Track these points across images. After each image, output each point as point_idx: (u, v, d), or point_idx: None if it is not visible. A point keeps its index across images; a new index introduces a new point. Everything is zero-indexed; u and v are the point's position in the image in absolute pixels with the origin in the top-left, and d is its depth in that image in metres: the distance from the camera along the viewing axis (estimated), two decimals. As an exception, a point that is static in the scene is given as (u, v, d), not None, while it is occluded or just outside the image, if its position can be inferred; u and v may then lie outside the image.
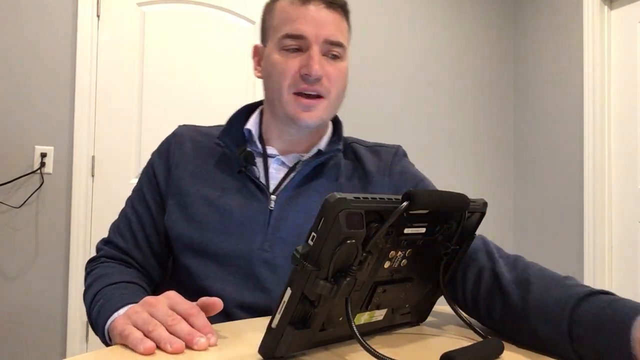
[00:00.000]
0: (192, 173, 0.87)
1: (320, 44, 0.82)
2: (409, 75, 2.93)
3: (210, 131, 0.93)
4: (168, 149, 0.91)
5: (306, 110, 0.83)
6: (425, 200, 0.51)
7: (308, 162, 0.87)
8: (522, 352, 0.59)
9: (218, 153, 0.89)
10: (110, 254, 0.87)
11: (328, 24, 0.83)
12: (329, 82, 0.84)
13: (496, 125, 3.20)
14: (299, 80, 0.82)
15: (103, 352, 0.58)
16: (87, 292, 0.80)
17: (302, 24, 0.82)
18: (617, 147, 2.75)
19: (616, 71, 2.76)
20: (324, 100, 0.85)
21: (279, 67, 0.83)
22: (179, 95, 2.39)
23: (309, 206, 0.84)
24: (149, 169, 0.92)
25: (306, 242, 0.47)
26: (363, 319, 0.59)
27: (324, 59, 0.83)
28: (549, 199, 2.99)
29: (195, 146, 0.90)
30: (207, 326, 0.59)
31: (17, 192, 2.13)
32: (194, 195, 0.85)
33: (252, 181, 0.86)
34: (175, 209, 0.86)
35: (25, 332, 2.12)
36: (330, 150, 0.89)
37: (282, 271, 0.81)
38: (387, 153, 0.94)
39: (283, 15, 0.84)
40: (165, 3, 2.41)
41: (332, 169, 0.89)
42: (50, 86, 2.20)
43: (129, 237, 0.88)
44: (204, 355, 0.55)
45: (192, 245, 0.84)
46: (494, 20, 3.21)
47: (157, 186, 0.89)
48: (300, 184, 0.86)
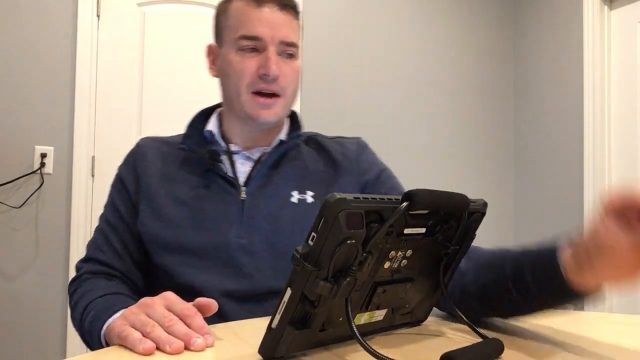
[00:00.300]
0: (160, 177, 0.90)
1: (276, 44, 0.86)
2: (409, 75, 2.93)
3: (172, 139, 0.97)
4: (134, 159, 0.93)
5: (264, 108, 0.87)
6: (425, 200, 0.51)
7: (272, 152, 0.92)
8: (522, 352, 0.59)
9: (183, 157, 0.92)
10: (92, 269, 0.87)
11: (282, 25, 0.87)
12: (285, 81, 0.88)
13: (496, 125, 3.20)
14: (257, 80, 0.86)
15: (103, 352, 0.58)
16: (75, 310, 0.80)
17: (258, 25, 0.85)
18: (617, 147, 2.75)
19: (616, 71, 2.76)
20: (281, 98, 0.89)
21: (236, 67, 0.87)
22: (179, 95, 2.39)
23: (279, 192, 0.89)
24: (117, 181, 0.94)
25: (306, 242, 0.47)
26: (363, 319, 0.59)
27: (280, 58, 0.87)
28: (549, 199, 2.99)
29: (160, 154, 0.93)
30: (204, 327, 0.59)
31: (17, 192, 2.13)
32: (164, 197, 0.88)
33: (220, 177, 0.89)
34: (147, 211, 0.88)
35: (25, 332, 2.12)
36: (292, 138, 0.94)
37: (260, 256, 0.84)
38: (350, 143, 1.00)
39: (238, 16, 0.87)
40: (165, 3, 2.41)
41: (296, 157, 0.94)
42: (50, 86, 2.20)
43: (107, 250, 0.88)
44: (204, 356, 0.55)
45: (168, 244, 0.85)
46: (494, 20, 3.21)
47: (128, 194, 0.91)
48: (267, 173, 0.91)
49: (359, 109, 2.79)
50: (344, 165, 0.95)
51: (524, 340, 0.64)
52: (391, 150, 2.86)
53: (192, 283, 0.83)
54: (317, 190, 0.92)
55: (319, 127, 2.73)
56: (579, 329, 0.70)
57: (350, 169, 0.94)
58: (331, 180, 0.93)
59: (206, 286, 0.82)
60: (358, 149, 0.99)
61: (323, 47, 2.69)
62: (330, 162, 0.95)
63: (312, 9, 2.65)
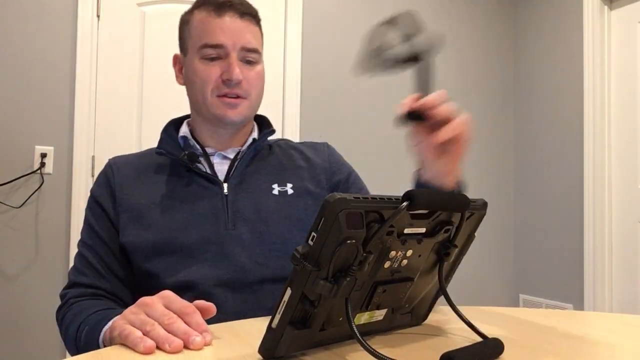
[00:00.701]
0: (139, 187, 0.92)
1: (238, 51, 0.91)
2: (408, 74, 2.93)
3: (143, 153, 1.01)
4: (106, 177, 0.95)
5: (231, 108, 0.92)
6: (426, 200, 0.51)
7: (247, 150, 0.97)
8: (522, 352, 0.59)
9: (158, 164, 0.96)
10: (77, 293, 0.87)
11: (243, 32, 0.91)
12: (249, 85, 0.93)
13: (496, 125, 3.20)
14: (221, 85, 0.91)
15: (103, 352, 0.58)
16: (68, 332, 0.80)
17: (220, 34, 0.90)
18: (617, 147, 2.75)
19: (616, 71, 2.76)
20: (246, 100, 0.93)
21: (201, 74, 0.91)
22: (178, 95, 2.38)
23: (260, 186, 0.94)
24: (91, 203, 0.94)
25: (306, 242, 0.47)
26: (363, 319, 0.59)
27: (242, 64, 0.92)
28: (549, 199, 2.99)
29: (132, 166, 0.96)
30: (202, 325, 0.59)
31: (17, 192, 2.13)
32: (146, 205, 0.90)
33: (201, 176, 0.93)
34: (129, 223, 0.89)
35: (25, 332, 2.12)
36: (265, 135, 1.00)
37: (250, 245, 0.88)
38: (321, 146, 1.07)
39: (201, 26, 0.91)
40: (165, 3, 2.41)
41: (270, 154, 1.00)
42: (50, 86, 2.20)
43: (89, 272, 0.88)
44: (204, 356, 0.55)
45: (157, 248, 0.86)
46: (494, 20, 3.21)
47: (105, 213, 0.91)
48: (245, 170, 0.96)
49: (358, 109, 2.79)
50: (317, 163, 1.01)
51: (524, 340, 0.64)
52: (391, 150, 2.86)
53: (186, 279, 0.84)
54: (295, 183, 0.96)
55: (319, 127, 2.75)
56: (579, 329, 0.70)
57: (323, 168, 1.01)
58: (308, 175, 0.99)
59: (200, 279, 0.84)
60: (329, 150, 1.06)
61: (323, 46, 2.69)
62: (304, 159, 1.02)
63: (312, 8, 2.66)
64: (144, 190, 0.91)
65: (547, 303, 2.96)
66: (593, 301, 2.72)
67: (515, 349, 0.60)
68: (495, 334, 0.65)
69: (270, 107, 2.49)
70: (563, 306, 2.88)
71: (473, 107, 3.13)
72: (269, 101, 2.30)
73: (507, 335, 0.65)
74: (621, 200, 2.72)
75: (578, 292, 2.80)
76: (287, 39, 2.61)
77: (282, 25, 2.62)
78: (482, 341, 0.57)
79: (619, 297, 2.71)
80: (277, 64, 2.61)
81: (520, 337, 0.66)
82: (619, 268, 2.71)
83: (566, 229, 2.89)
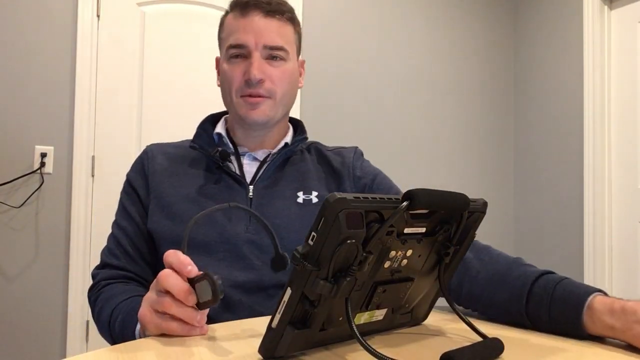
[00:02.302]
0: (169, 176, 0.94)
1: (260, 49, 0.91)
2: (409, 75, 2.93)
3: (177, 144, 1.01)
4: (142, 163, 0.97)
5: (253, 108, 0.92)
6: (425, 200, 0.51)
7: (278, 154, 0.96)
8: (522, 352, 0.59)
9: (192, 157, 0.97)
10: (108, 275, 0.90)
11: (267, 30, 0.91)
12: (272, 84, 0.92)
13: (496, 125, 3.20)
14: (243, 86, 0.91)
15: (103, 352, 0.58)
16: (100, 316, 0.83)
17: (243, 33, 0.91)
18: (617, 147, 2.75)
19: (616, 71, 2.76)
20: (269, 99, 0.92)
21: (227, 75, 0.93)
22: (178, 95, 2.39)
23: (285, 193, 0.94)
24: (126, 186, 0.97)
25: (306, 242, 0.47)
26: (363, 319, 0.59)
27: (265, 62, 0.92)
28: (549, 199, 2.99)
29: (168, 157, 0.97)
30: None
31: (17, 192, 2.13)
32: (174, 195, 0.91)
33: (229, 175, 0.93)
34: (156, 210, 0.91)
35: (25, 332, 2.12)
36: (297, 142, 0.99)
37: (267, 250, 0.87)
38: (348, 153, 1.04)
39: (229, 28, 0.94)
40: (165, 3, 2.41)
41: (300, 161, 0.99)
42: (50, 86, 2.20)
43: (120, 254, 0.91)
44: (204, 356, 0.55)
45: (178, 241, 0.87)
46: (494, 21, 3.21)
47: (138, 197, 0.94)
48: (273, 174, 0.95)
49: (358, 109, 2.79)
50: (343, 173, 1.00)
51: (524, 340, 0.64)
52: (391, 150, 2.86)
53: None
54: (321, 191, 0.96)
55: (319, 127, 2.74)
56: (579, 329, 0.70)
57: (349, 175, 1.00)
58: (334, 184, 0.98)
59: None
60: (355, 156, 1.04)
61: (322, 47, 2.69)
62: (331, 170, 1.00)
63: (312, 8, 2.65)
64: (175, 182, 0.93)
65: (547, 303, 2.96)
66: (593, 301, 2.71)
67: (515, 349, 0.60)
68: (495, 334, 0.65)
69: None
70: (563, 306, 2.88)
71: (473, 107, 3.13)
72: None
73: (507, 335, 0.65)
74: (621, 201, 2.72)
75: (578, 292, 2.80)
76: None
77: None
78: (482, 341, 0.57)
79: (619, 296, 2.71)
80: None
81: (520, 337, 0.66)
82: (619, 268, 2.71)
83: (566, 229, 2.89)
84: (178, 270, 0.61)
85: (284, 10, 0.94)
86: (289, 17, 0.95)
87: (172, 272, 0.62)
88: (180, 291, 0.60)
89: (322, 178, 0.98)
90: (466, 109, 3.11)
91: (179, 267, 0.61)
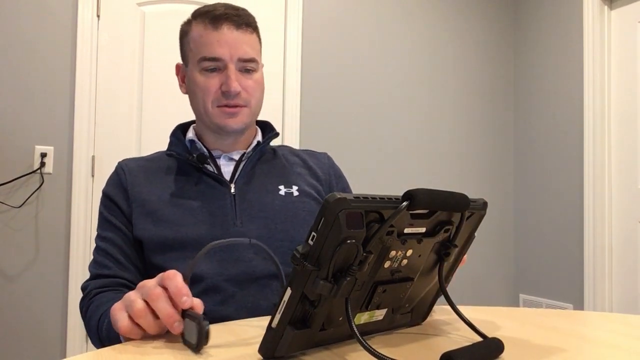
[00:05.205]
0: (150, 185, 0.95)
1: (235, 62, 0.94)
2: (409, 75, 2.93)
3: (151, 157, 1.04)
4: (118, 177, 0.98)
5: (231, 117, 0.96)
6: (426, 200, 0.51)
7: (253, 151, 1.01)
8: (522, 352, 0.59)
9: (168, 165, 0.99)
10: (100, 284, 0.90)
11: (240, 43, 0.94)
12: (248, 94, 0.96)
13: (496, 125, 3.20)
14: (221, 97, 0.95)
15: (103, 352, 0.58)
16: (90, 323, 0.83)
17: (217, 46, 0.93)
18: (617, 147, 2.75)
19: (616, 71, 2.76)
20: (246, 108, 0.97)
21: (201, 86, 0.95)
22: (179, 95, 2.39)
23: (266, 187, 0.98)
24: (105, 200, 0.97)
25: (306, 242, 0.47)
26: (363, 319, 0.59)
27: (240, 74, 0.95)
28: (549, 199, 2.99)
29: (143, 168, 0.99)
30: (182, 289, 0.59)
31: (17, 192, 2.13)
32: (157, 201, 0.93)
33: (209, 176, 0.96)
34: (141, 218, 0.92)
35: (25, 332, 2.12)
36: (269, 137, 1.04)
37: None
38: (322, 156, 1.12)
39: (199, 39, 0.95)
40: (165, 3, 2.41)
41: (273, 159, 1.05)
42: (50, 86, 2.20)
43: (110, 263, 0.91)
44: (203, 355, 0.55)
45: (167, 244, 0.89)
46: (494, 21, 3.21)
47: (119, 209, 0.95)
48: (251, 171, 1.00)
49: (358, 110, 2.79)
50: (318, 172, 1.06)
51: (524, 340, 0.64)
52: (391, 150, 2.86)
53: (195, 273, 0.87)
54: (300, 186, 1.01)
55: (319, 127, 2.75)
56: (579, 329, 0.70)
57: (324, 177, 1.07)
58: (310, 181, 1.03)
59: (209, 273, 0.87)
60: (329, 162, 1.11)
61: (322, 47, 2.69)
62: (306, 166, 1.06)
63: (312, 8, 2.65)
64: (155, 189, 0.95)
65: (547, 303, 2.96)
66: (593, 301, 2.72)
67: (515, 349, 0.60)
68: (495, 334, 0.65)
69: (270, 112, 2.50)
70: (563, 306, 2.88)
71: (473, 107, 3.13)
72: (269, 105, 2.31)
73: (507, 335, 0.65)
74: (621, 201, 2.72)
75: (578, 291, 2.80)
76: (287, 43, 2.61)
77: (282, 28, 2.62)
78: (482, 341, 0.57)
79: (619, 297, 2.71)
80: (277, 68, 2.61)
81: (520, 337, 0.66)
82: (619, 268, 2.71)
83: (566, 228, 2.89)
84: (173, 297, 0.58)
85: (250, 22, 0.97)
86: (254, 27, 0.99)
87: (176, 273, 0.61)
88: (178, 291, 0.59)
89: (299, 174, 1.04)
90: (466, 109, 3.11)
91: (175, 293, 0.58)
